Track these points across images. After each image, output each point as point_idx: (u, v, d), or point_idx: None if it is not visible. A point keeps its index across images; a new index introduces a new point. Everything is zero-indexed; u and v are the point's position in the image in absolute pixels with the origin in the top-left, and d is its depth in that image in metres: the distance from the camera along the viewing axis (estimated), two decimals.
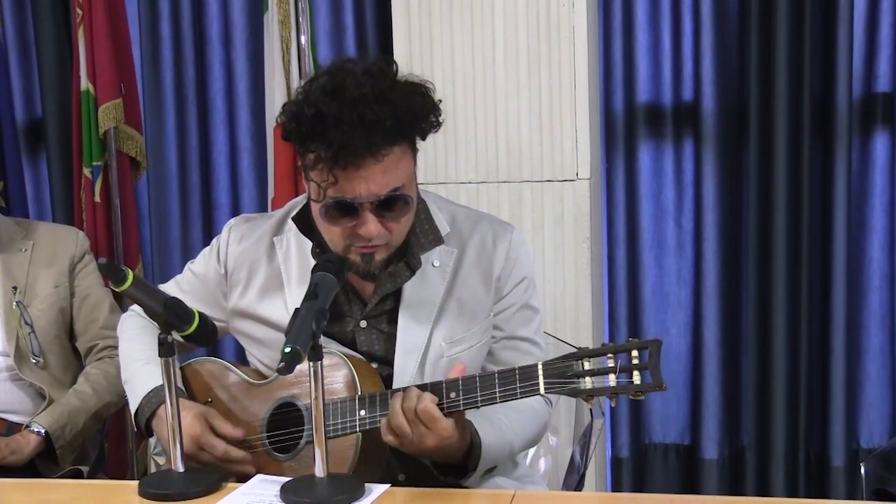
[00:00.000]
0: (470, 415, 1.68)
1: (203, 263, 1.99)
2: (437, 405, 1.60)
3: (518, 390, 1.58)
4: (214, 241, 1.98)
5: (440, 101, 1.73)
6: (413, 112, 1.68)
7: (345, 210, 1.68)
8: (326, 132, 1.61)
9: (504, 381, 1.59)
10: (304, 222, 1.84)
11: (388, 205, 1.69)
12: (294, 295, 1.83)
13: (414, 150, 1.75)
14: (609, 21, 3.31)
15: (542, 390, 1.56)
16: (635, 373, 1.50)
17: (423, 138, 1.75)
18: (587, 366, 1.53)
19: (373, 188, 1.65)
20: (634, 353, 1.51)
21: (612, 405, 1.55)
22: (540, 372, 1.56)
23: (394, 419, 1.62)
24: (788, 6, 3.11)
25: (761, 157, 3.21)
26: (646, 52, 3.31)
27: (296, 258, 1.86)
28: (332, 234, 1.73)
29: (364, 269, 1.75)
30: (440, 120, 1.73)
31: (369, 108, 1.61)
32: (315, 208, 1.73)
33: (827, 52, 3.14)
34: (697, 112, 3.27)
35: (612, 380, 1.51)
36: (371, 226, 1.68)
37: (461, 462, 1.71)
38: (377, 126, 1.61)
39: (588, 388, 1.53)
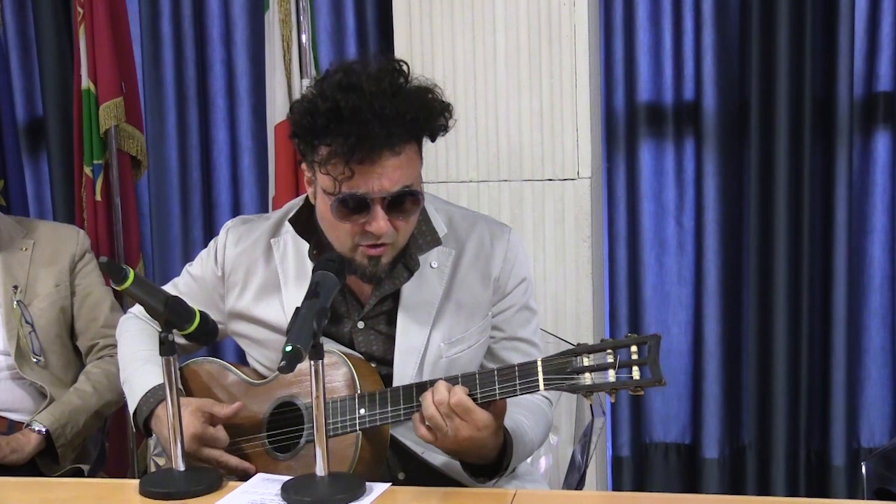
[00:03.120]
0: None
1: (200, 266, 1.99)
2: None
3: (518, 387, 1.57)
4: (212, 243, 1.98)
5: (449, 104, 1.74)
6: (428, 109, 1.68)
7: (356, 206, 1.67)
8: (343, 125, 1.61)
9: (503, 378, 1.59)
10: (302, 224, 1.84)
11: (398, 202, 1.68)
12: (291, 296, 1.83)
13: (421, 153, 1.75)
14: (610, 20, 3.31)
15: (541, 387, 1.56)
16: (634, 368, 1.50)
17: (434, 139, 1.75)
18: (586, 362, 1.53)
19: (385, 184, 1.65)
20: (633, 348, 1.51)
21: (612, 401, 1.54)
22: (539, 368, 1.56)
23: (428, 414, 1.60)
24: (789, 5, 3.11)
25: (762, 157, 3.21)
26: (647, 51, 3.31)
27: (293, 260, 1.86)
28: (341, 232, 1.72)
29: (370, 272, 1.74)
30: (450, 122, 1.74)
31: (388, 102, 1.62)
32: (324, 205, 1.72)
33: (828, 52, 3.14)
34: (698, 111, 3.27)
35: (611, 375, 1.51)
36: (381, 222, 1.67)
37: (493, 462, 1.70)
38: (397, 119, 1.62)
39: (587, 383, 1.53)
